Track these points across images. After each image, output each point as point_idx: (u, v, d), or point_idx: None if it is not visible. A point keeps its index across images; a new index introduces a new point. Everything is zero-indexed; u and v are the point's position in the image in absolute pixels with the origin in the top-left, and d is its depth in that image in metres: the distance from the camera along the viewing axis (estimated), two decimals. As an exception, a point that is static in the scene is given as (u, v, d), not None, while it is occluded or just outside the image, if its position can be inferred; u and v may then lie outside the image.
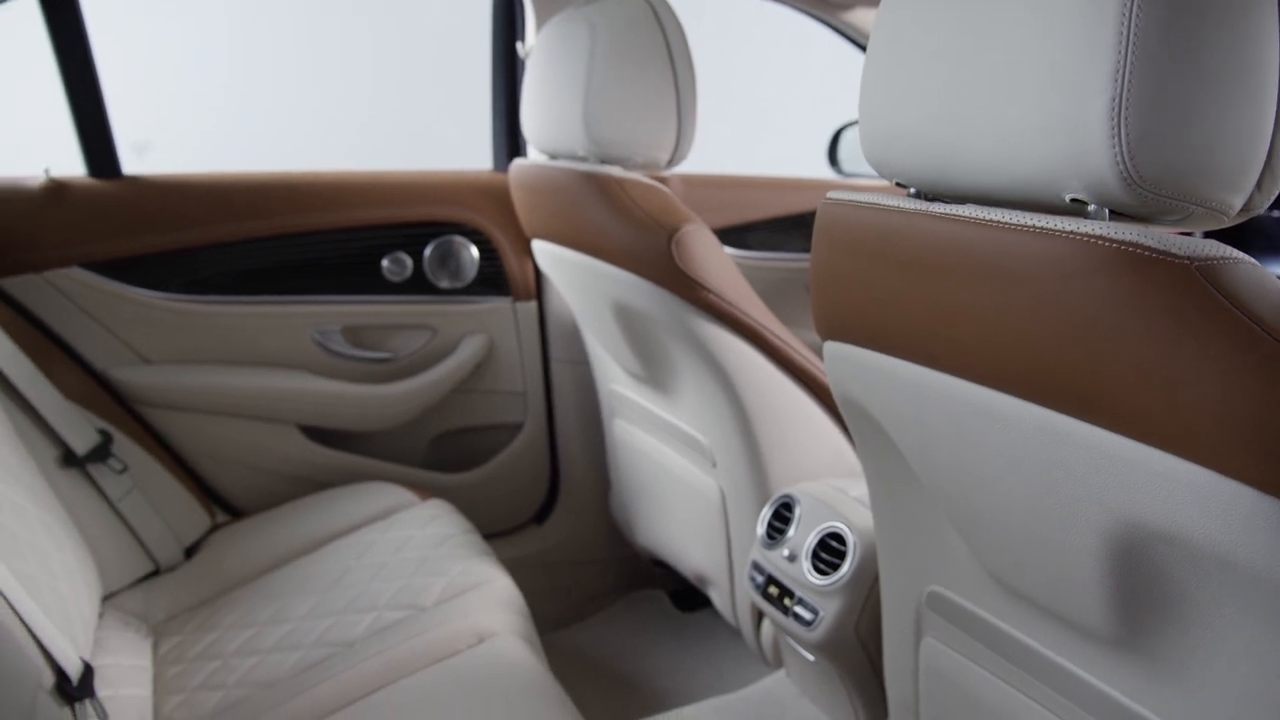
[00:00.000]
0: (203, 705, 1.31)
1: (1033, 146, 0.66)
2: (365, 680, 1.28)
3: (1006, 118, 0.67)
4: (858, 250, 0.83)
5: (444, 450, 2.09)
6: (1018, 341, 0.68)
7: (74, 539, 1.44)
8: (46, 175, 1.73)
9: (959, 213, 0.72)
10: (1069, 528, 0.74)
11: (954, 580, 0.98)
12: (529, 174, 1.67)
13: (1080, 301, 0.63)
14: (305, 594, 1.50)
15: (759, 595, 1.41)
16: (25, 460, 1.43)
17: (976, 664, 0.98)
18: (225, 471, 1.91)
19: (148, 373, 1.81)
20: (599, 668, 1.98)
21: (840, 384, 0.96)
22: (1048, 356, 0.67)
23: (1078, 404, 0.67)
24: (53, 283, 1.73)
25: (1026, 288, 0.67)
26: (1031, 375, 0.69)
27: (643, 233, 1.39)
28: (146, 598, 1.60)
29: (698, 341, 1.42)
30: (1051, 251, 0.65)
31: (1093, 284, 0.62)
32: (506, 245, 1.98)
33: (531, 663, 1.28)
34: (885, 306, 0.81)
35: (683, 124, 1.46)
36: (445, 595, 1.42)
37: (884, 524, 1.08)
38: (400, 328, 1.97)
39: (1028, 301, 0.67)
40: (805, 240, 2.34)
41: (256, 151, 2.73)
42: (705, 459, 1.59)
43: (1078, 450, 0.69)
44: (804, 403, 1.47)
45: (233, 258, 1.86)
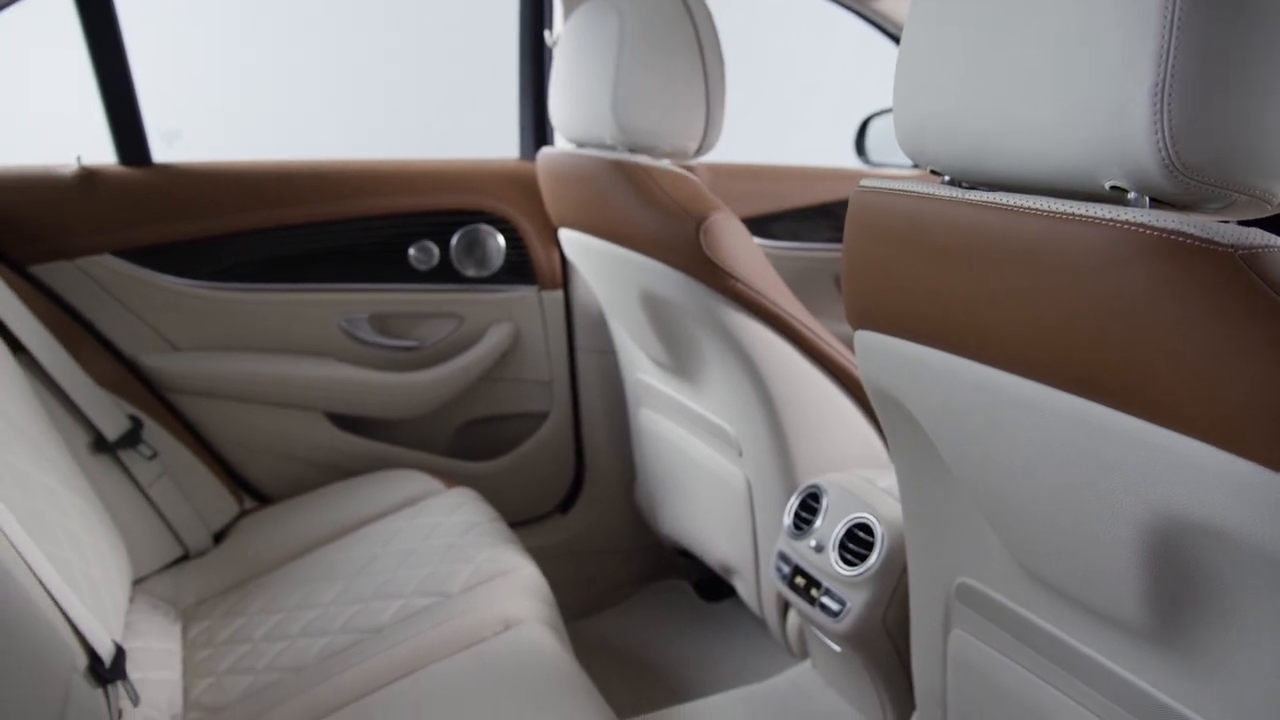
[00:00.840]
0: (232, 689, 1.32)
1: (1072, 133, 0.65)
2: (392, 666, 1.28)
3: (1045, 104, 0.66)
4: (891, 238, 0.82)
5: (469, 439, 2.10)
6: (1054, 330, 0.68)
7: (105, 524, 1.45)
8: (78, 163, 1.74)
9: (995, 200, 0.71)
10: (1104, 519, 0.73)
11: (984, 572, 0.98)
12: (557, 162, 1.67)
13: (1119, 290, 0.62)
14: (332, 580, 1.51)
15: (785, 585, 1.41)
16: (58, 445, 1.45)
17: (1006, 656, 0.97)
18: (253, 458, 1.92)
19: (177, 360, 1.82)
20: (623, 657, 1.99)
21: (871, 374, 0.95)
22: (1085, 346, 0.66)
23: (1115, 394, 0.66)
24: (84, 270, 1.74)
25: (1064, 276, 0.66)
26: (1068, 364, 0.68)
27: (671, 221, 1.39)
28: (176, 582, 1.61)
29: (725, 330, 1.41)
30: (1091, 239, 0.64)
31: (1133, 272, 0.62)
32: (533, 234, 1.98)
33: (557, 650, 1.28)
34: (919, 295, 0.80)
35: (711, 112, 1.45)
36: (471, 582, 1.43)
37: (913, 515, 1.07)
38: (427, 316, 1.98)
39: (1065, 290, 0.66)
40: (831, 230, 2.33)
41: (284, 140, 2.74)
42: (731, 448, 1.59)
43: (1114, 441, 0.68)
44: (832, 393, 1.47)
45: (261, 246, 1.87)
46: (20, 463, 1.26)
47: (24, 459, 1.27)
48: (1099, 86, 0.62)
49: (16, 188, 1.71)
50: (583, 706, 1.15)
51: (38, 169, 1.74)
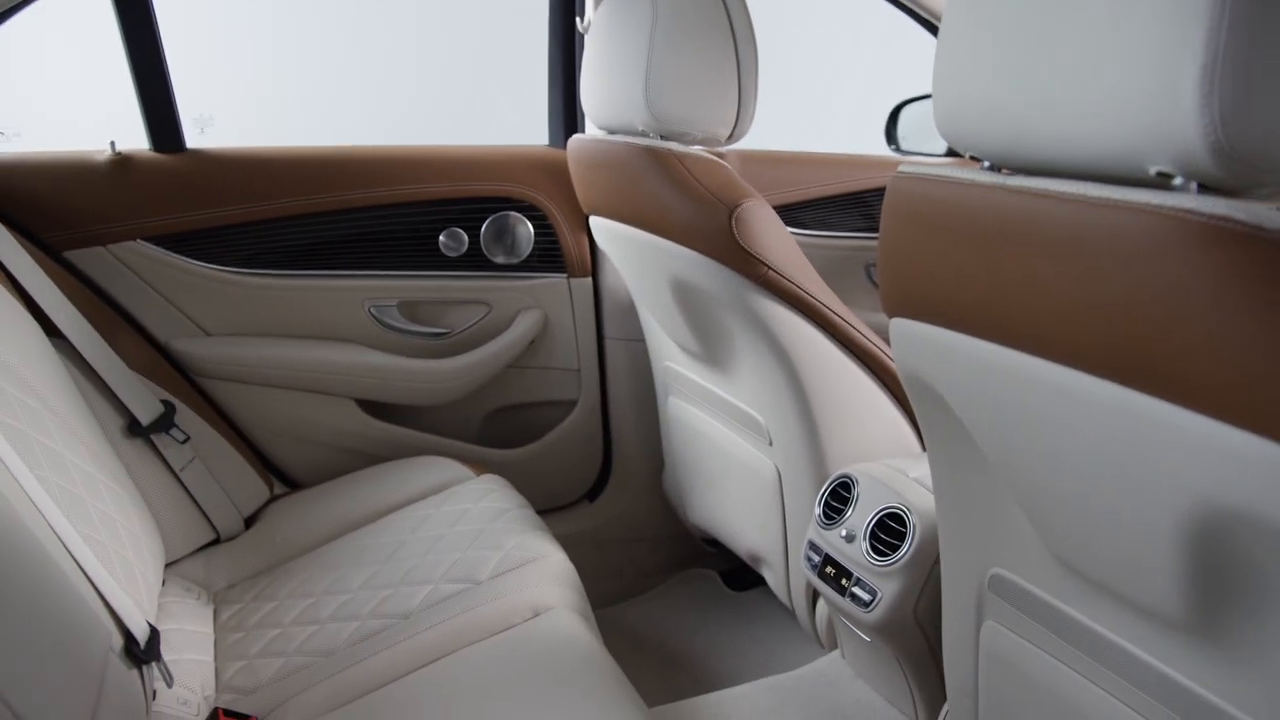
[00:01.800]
0: (263, 672, 1.33)
1: (1116, 117, 0.64)
2: (422, 651, 1.29)
3: (1088, 87, 0.65)
4: (929, 225, 0.82)
5: (498, 426, 2.10)
6: (1096, 318, 0.67)
7: (139, 507, 1.46)
8: (112, 149, 1.75)
9: (1036, 186, 0.70)
10: (1143, 509, 0.72)
11: (1018, 563, 0.97)
12: (587, 149, 1.66)
13: (1164, 277, 0.61)
14: (362, 565, 1.52)
15: (815, 575, 1.40)
16: (93, 429, 1.46)
17: (1039, 648, 0.96)
18: (283, 444, 1.93)
19: (208, 345, 1.83)
20: (650, 645, 1.99)
21: (906, 361, 0.94)
22: (1127, 333, 0.65)
23: (1157, 381, 0.65)
24: (117, 255, 1.76)
25: (1107, 263, 0.65)
26: (1109, 352, 0.67)
27: (703, 208, 1.38)
28: (207, 566, 1.62)
29: (757, 318, 1.40)
30: (1135, 226, 0.63)
31: (1178, 260, 0.60)
32: (562, 221, 1.98)
33: (587, 638, 1.28)
34: (957, 282, 0.79)
35: (743, 99, 1.44)
36: (501, 569, 1.43)
37: (946, 505, 1.06)
38: (456, 303, 1.98)
39: (1108, 277, 0.65)
40: (862, 219, 2.32)
41: (315, 126, 2.75)
42: (762, 437, 1.58)
43: (1155, 429, 0.67)
44: (864, 382, 1.46)
45: (291, 232, 1.88)
46: (56, 445, 1.27)
47: (60, 442, 1.28)
48: (1145, 68, 0.61)
49: (52, 174, 1.72)
50: (613, 694, 1.15)
51: (73, 155, 1.75)
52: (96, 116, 2.04)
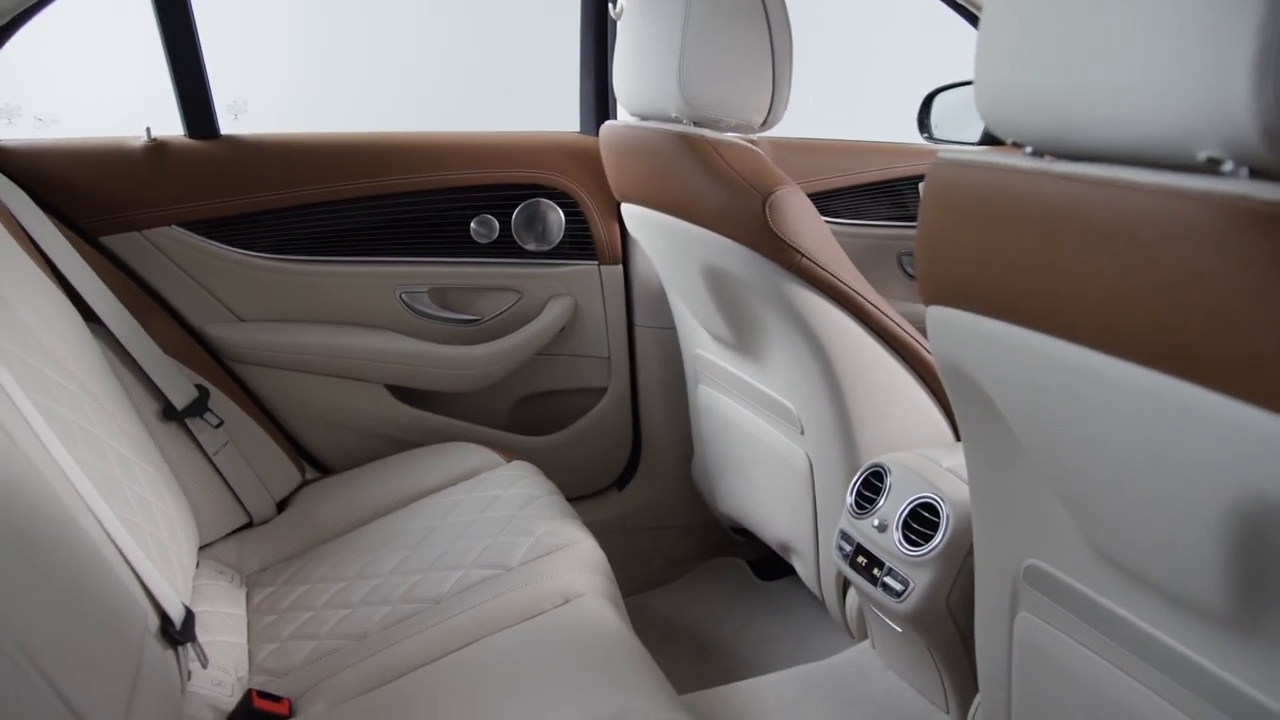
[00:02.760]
0: (295, 654, 1.34)
1: (1164, 101, 0.63)
2: (453, 636, 1.29)
3: (1135, 71, 0.64)
4: (970, 211, 0.81)
5: (527, 413, 2.10)
6: (1142, 305, 0.66)
7: (173, 490, 1.48)
8: (148, 135, 1.77)
9: (1082, 172, 0.69)
10: (1187, 499, 0.71)
11: (1054, 554, 0.96)
12: (620, 135, 1.66)
13: (1213, 265, 0.60)
14: (393, 550, 1.52)
15: (846, 565, 1.40)
16: (129, 413, 1.48)
17: (1075, 640, 0.95)
18: (315, 429, 1.94)
19: (241, 330, 1.85)
20: (678, 633, 1.99)
21: (944, 350, 0.93)
22: (1175, 321, 0.64)
23: (1205, 371, 0.64)
24: (152, 241, 1.77)
25: (1154, 250, 0.64)
26: (1156, 340, 0.66)
27: (736, 195, 1.37)
28: (240, 549, 1.64)
29: (790, 306, 1.40)
30: (1183, 213, 0.62)
31: (1228, 247, 0.59)
32: (593, 208, 1.97)
33: (617, 624, 1.28)
34: (998, 269, 0.78)
35: (778, 85, 1.43)
36: (531, 555, 1.43)
37: (981, 495, 1.05)
38: (487, 290, 1.99)
39: (1156, 265, 0.64)
40: (894, 208, 2.30)
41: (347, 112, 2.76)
42: (793, 426, 1.57)
43: (1202, 420, 0.66)
44: (898, 371, 1.45)
45: (323, 218, 1.89)
46: (94, 428, 1.28)
47: (97, 425, 1.30)
48: (1195, 51, 0.60)
49: (89, 160, 1.74)
50: (644, 680, 1.15)
51: (109, 141, 1.77)
52: (132, 103, 2.05)
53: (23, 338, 1.24)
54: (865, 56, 3.56)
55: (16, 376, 1.13)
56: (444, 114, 2.85)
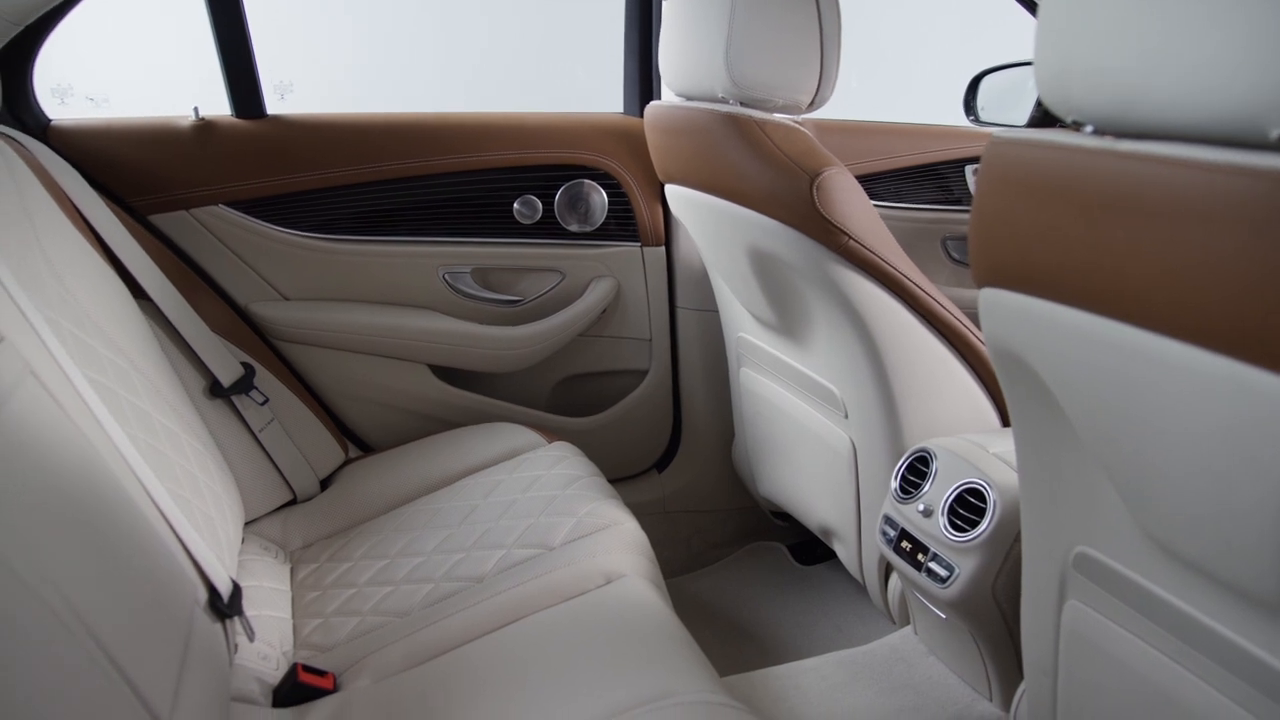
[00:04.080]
0: (339, 630, 1.35)
1: (1235, 77, 0.61)
2: (496, 614, 1.30)
3: (1205, 46, 0.62)
4: (1030, 191, 0.79)
5: (568, 395, 2.11)
6: (1208, 288, 0.64)
7: (220, 466, 1.49)
8: (196, 115, 1.78)
9: (1147, 150, 0.68)
10: (1249, 487, 0.70)
11: (1105, 542, 0.94)
12: (665, 116, 1.65)
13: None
14: (435, 529, 1.53)
15: (890, 550, 1.39)
16: (177, 389, 1.49)
17: (1125, 630, 0.94)
18: (357, 407, 1.96)
19: (286, 309, 1.86)
20: (717, 616, 1.99)
21: (997, 333, 0.92)
22: (1241, 304, 0.62)
23: (1272, 355, 0.62)
24: (199, 219, 1.79)
25: (1221, 231, 0.62)
26: (1220, 324, 0.64)
27: (783, 176, 1.36)
28: (284, 525, 1.65)
29: (836, 289, 1.38)
30: (1252, 192, 0.60)
31: None
32: (637, 190, 1.97)
33: (659, 606, 1.28)
34: (1057, 250, 0.77)
35: (826, 66, 1.41)
36: (573, 535, 1.43)
37: (1031, 481, 1.04)
38: (529, 270, 1.99)
39: (1221, 245, 0.62)
40: (938, 191, 2.27)
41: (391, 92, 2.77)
42: (837, 410, 1.56)
43: (1267, 405, 0.64)
44: (944, 356, 1.43)
45: (368, 198, 1.89)
46: (143, 404, 1.30)
47: (146, 401, 1.31)
48: (1269, 27, 0.58)
49: (138, 139, 1.75)
50: (687, 662, 1.14)
51: (158, 120, 1.78)
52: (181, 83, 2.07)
53: (75, 314, 1.25)
54: (911, 37, 3.52)
55: (70, 351, 1.14)
56: (487, 94, 2.84)
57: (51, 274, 1.26)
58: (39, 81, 1.72)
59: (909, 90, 3.25)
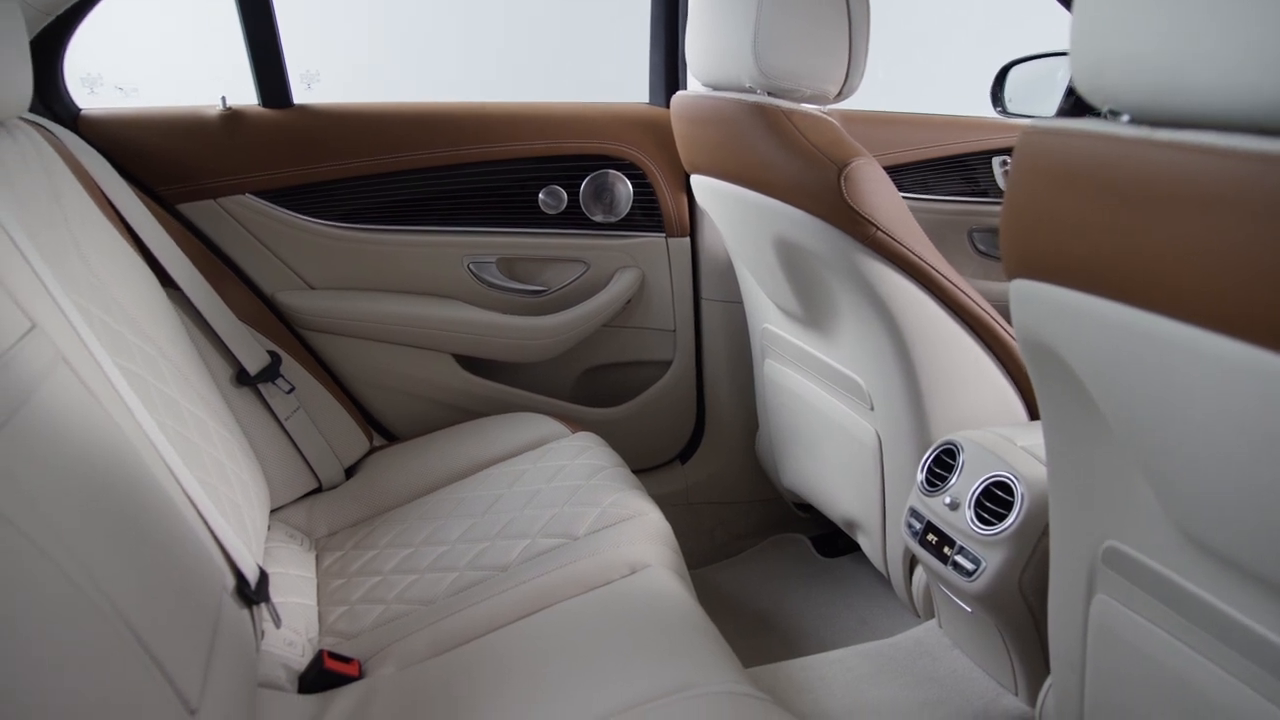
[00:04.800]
0: (364, 617, 1.36)
1: (1276, 64, 0.60)
2: (521, 603, 1.30)
3: (1246, 32, 0.61)
4: (1065, 181, 0.78)
5: (592, 385, 2.11)
6: (1249, 280, 0.63)
7: (247, 454, 1.50)
8: (223, 104, 1.79)
9: (1188, 139, 0.67)
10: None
11: (1136, 536, 0.93)
12: (692, 105, 1.64)
13: None
14: (459, 518, 1.54)
15: (916, 542, 1.38)
16: (204, 377, 1.50)
17: (1155, 625, 0.93)
18: (382, 396, 1.96)
19: (312, 298, 1.87)
20: (739, 607, 1.99)
21: (1028, 325, 0.91)
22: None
23: None
24: (227, 209, 1.80)
25: (1264, 221, 0.61)
26: (1260, 316, 0.64)
27: (811, 166, 1.35)
28: (310, 514, 1.66)
29: (863, 280, 1.38)
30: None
31: None
32: (662, 180, 1.96)
33: (684, 596, 1.28)
34: (1092, 241, 0.76)
35: (854, 56, 1.40)
36: (597, 525, 1.43)
37: (1060, 475, 1.03)
38: (554, 260, 1.99)
39: (1264, 237, 0.61)
40: (964, 183, 2.26)
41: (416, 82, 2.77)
42: (862, 402, 1.56)
43: None
44: (972, 348, 1.42)
45: (393, 187, 1.90)
46: (171, 391, 1.31)
47: (175, 388, 1.32)
48: None
49: (167, 128, 1.76)
50: (712, 653, 1.14)
51: (187, 110, 1.79)
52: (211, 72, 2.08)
53: (105, 301, 1.26)
54: (939, 27, 3.49)
55: (100, 339, 1.15)
56: (513, 85, 2.85)
57: (82, 262, 1.27)
58: (69, 71, 1.73)
59: (935, 81, 3.22)
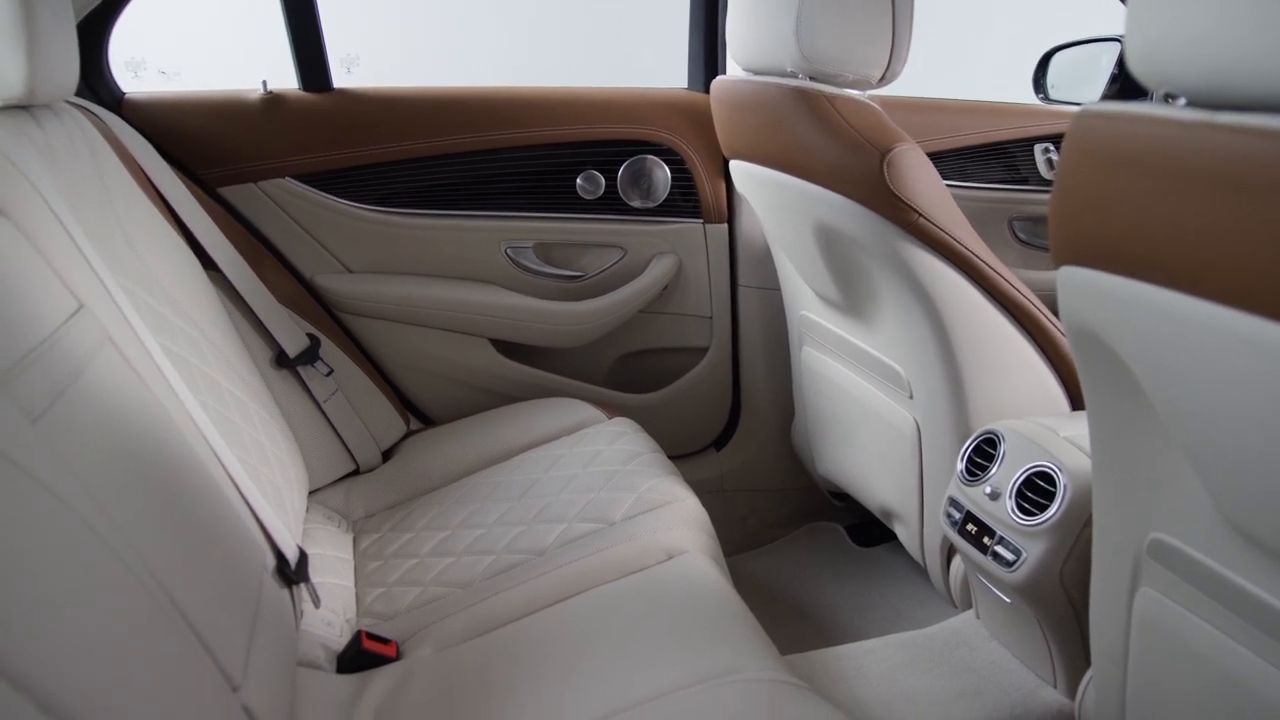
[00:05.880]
0: (401, 599, 1.37)
1: None
2: (558, 587, 1.30)
3: None
4: (1119, 166, 0.77)
5: (627, 371, 2.10)
6: None
7: (286, 435, 1.51)
8: (264, 88, 1.80)
9: (1252, 123, 0.65)
10: None
11: (1183, 528, 0.92)
12: (733, 90, 1.63)
13: None
14: (496, 502, 1.54)
15: (955, 532, 1.37)
16: (245, 359, 1.51)
17: (1202, 619, 0.91)
18: (419, 380, 1.97)
19: (350, 281, 1.88)
20: (773, 596, 1.98)
21: (1077, 313, 0.90)
22: None
23: None
24: (267, 192, 1.81)
25: None
26: None
27: (853, 152, 1.34)
28: (347, 495, 1.67)
29: (905, 267, 1.36)
30: None
31: None
32: (700, 166, 1.95)
33: (721, 583, 1.28)
34: (1147, 227, 0.75)
35: (897, 40, 1.39)
36: (634, 511, 1.43)
37: (1105, 466, 1.01)
38: (591, 246, 1.98)
39: None
40: (1004, 170, 2.23)
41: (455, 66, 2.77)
42: (901, 390, 1.54)
43: None
44: (1014, 337, 1.40)
45: (432, 171, 1.90)
46: (213, 373, 1.32)
47: (216, 369, 1.33)
48: None
49: (209, 112, 1.77)
50: (749, 639, 1.14)
51: (228, 94, 1.80)
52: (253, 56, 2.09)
53: (149, 283, 1.27)
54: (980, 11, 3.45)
55: (145, 320, 1.16)
56: (551, 69, 2.84)
57: (126, 243, 1.28)
58: (113, 55, 1.74)
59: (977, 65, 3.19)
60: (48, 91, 1.18)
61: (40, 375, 0.81)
